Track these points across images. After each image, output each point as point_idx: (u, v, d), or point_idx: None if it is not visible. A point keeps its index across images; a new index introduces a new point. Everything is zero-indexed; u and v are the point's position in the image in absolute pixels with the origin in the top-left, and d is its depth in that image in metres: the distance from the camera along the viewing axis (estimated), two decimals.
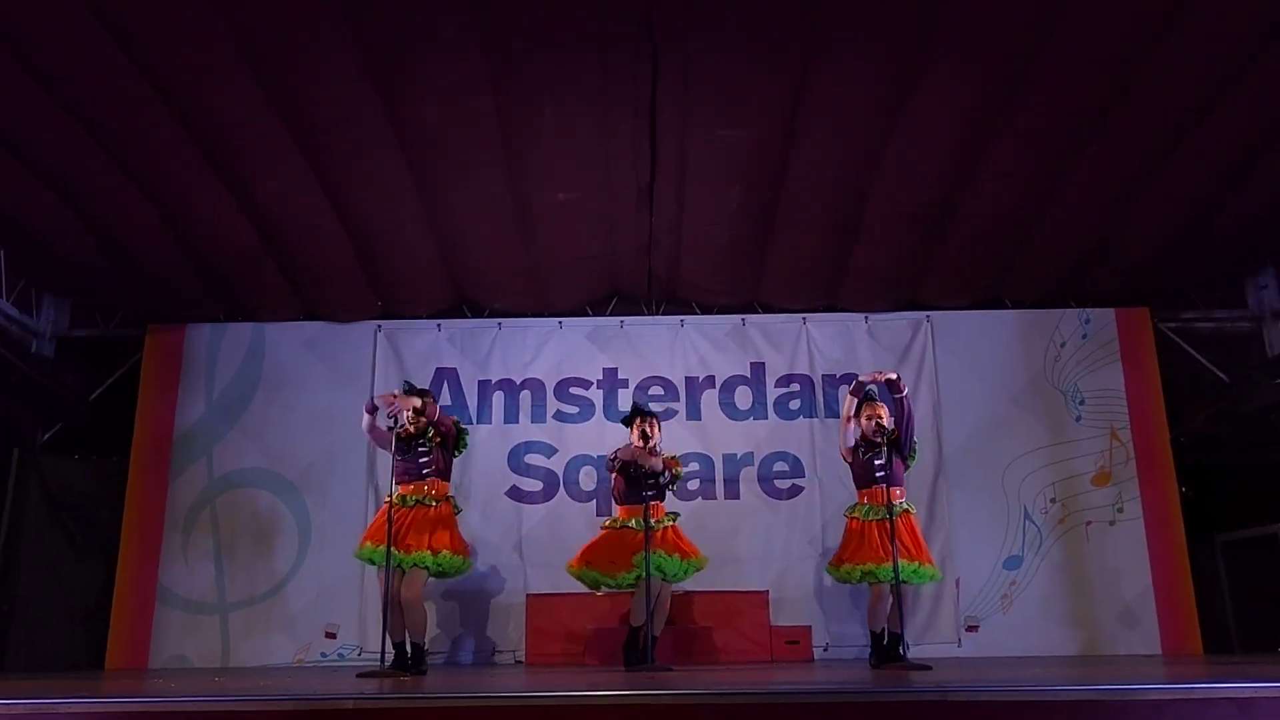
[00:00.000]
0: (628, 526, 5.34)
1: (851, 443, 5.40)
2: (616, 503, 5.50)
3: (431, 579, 5.10)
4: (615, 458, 5.34)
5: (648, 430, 5.34)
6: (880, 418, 5.29)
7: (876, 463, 5.27)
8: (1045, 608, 6.41)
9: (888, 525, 5.10)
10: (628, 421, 5.53)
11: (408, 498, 5.09)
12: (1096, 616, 6.37)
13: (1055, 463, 6.64)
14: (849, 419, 5.39)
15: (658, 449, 5.35)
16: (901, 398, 5.27)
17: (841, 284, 6.66)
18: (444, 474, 5.19)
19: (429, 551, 4.97)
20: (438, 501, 5.12)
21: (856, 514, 5.34)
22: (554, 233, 6.12)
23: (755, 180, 5.68)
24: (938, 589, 6.39)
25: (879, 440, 5.22)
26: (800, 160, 5.48)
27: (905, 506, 5.30)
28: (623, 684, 3.74)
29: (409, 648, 5.01)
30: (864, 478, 5.37)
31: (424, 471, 5.13)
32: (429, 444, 5.14)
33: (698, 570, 5.45)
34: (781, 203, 5.85)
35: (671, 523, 5.46)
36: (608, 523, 5.52)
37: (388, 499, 5.12)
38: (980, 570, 6.49)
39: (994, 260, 6.45)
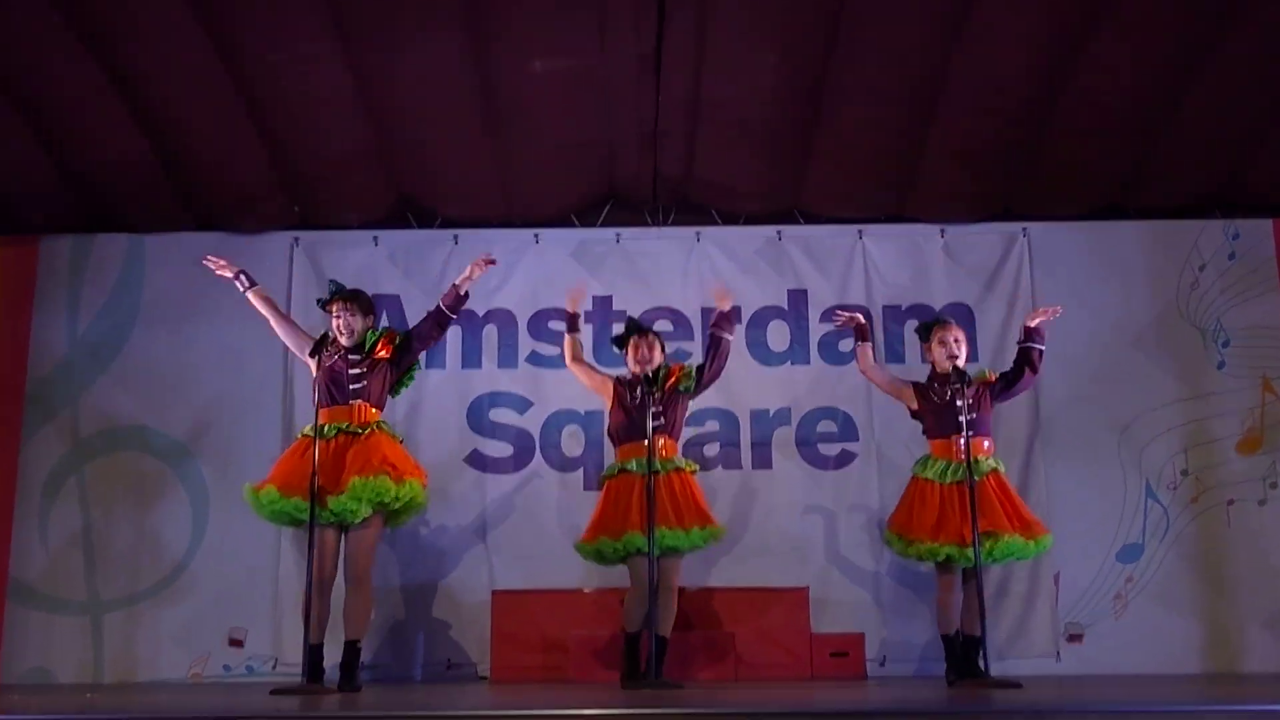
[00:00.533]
0: (627, 470, 5.41)
1: (904, 387, 5.47)
2: (614, 442, 5.58)
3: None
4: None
5: (646, 352, 5.50)
6: (960, 342, 5.42)
7: (958, 403, 5.27)
8: (1171, 611, 6.46)
9: (981, 489, 5.17)
10: (620, 342, 5.66)
11: (326, 428, 5.10)
12: (1238, 623, 6.43)
13: (1188, 423, 6.66)
14: (866, 369, 5.54)
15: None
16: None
17: (911, 185, 6.62)
18: (378, 402, 5.28)
19: (369, 477, 4.99)
20: (364, 429, 5.17)
21: (929, 473, 5.37)
22: (528, 114, 6.05)
23: (798, 41, 5.62)
24: (1029, 585, 6.46)
25: (953, 376, 5.30)
26: (858, 14, 5.41)
27: (993, 464, 5.37)
28: (617, 705, 3.77)
29: (343, 651, 5.05)
30: (934, 427, 5.41)
31: (352, 389, 5.18)
32: (366, 358, 5.24)
33: (714, 541, 5.48)
34: (832, 73, 5.79)
35: (690, 470, 5.50)
36: (605, 473, 5.61)
37: (301, 433, 5.20)
38: (1087, 563, 6.52)
39: (1114, 154, 6.40)
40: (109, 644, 6.42)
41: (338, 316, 5.37)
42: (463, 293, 5.45)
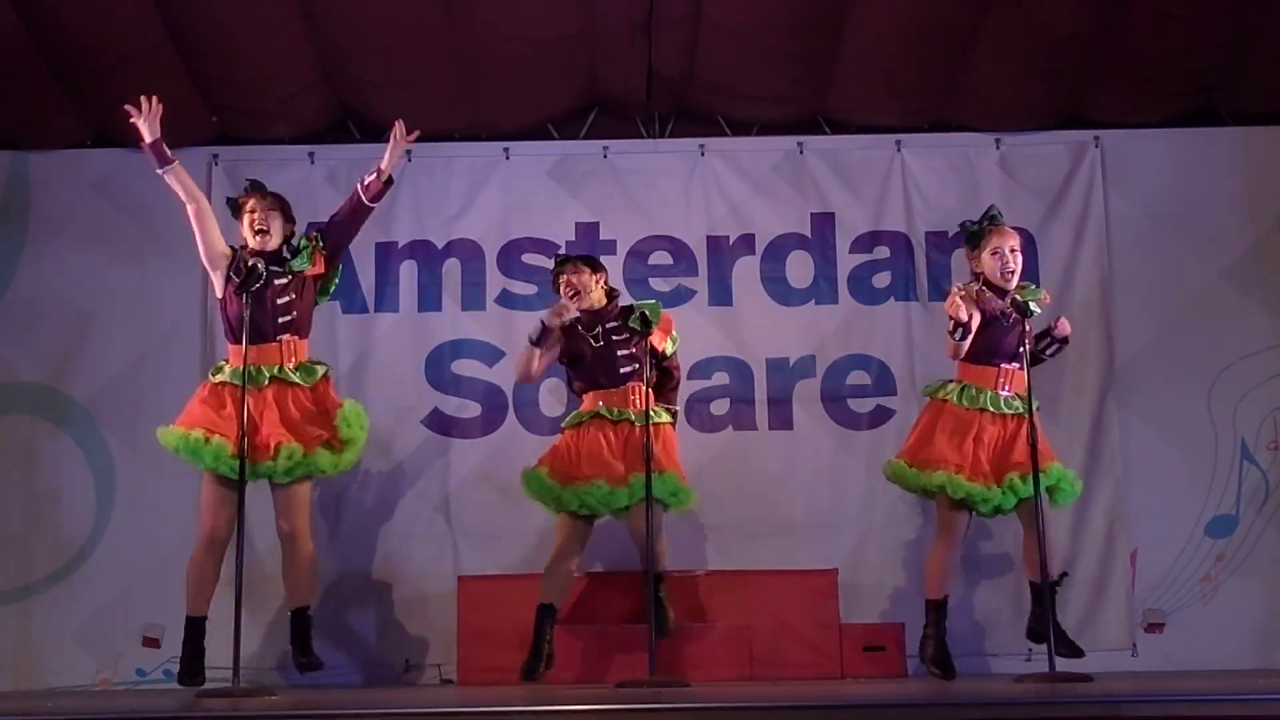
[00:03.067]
0: (600, 415, 5.69)
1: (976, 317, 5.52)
2: (576, 393, 5.89)
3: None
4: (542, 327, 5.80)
5: (574, 280, 5.80)
6: (1017, 252, 5.54)
7: (1011, 332, 5.42)
8: (1272, 595, 6.49)
9: (1013, 426, 5.37)
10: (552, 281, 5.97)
11: (256, 371, 5.09)
12: None
13: None
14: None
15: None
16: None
17: (959, 84, 6.58)
18: (305, 328, 5.35)
19: (301, 445, 5.09)
20: (306, 376, 5.21)
21: (963, 399, 5.49)
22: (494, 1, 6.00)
23: None
24: (1100, 567, 6.49)
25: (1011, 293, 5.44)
26: None
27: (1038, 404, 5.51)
28: (605, 702, 3.82)
29: (291, 621, 5.23)
30: (984, 350, 5.48)
31: (281, 322, 5.18)
32: (293, 277, 5.27)
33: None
34: None
35: (670, 420, 5.78)
36: (566, 422, 5.86)
37: (211, 376, 5.26)
38: (1169, 539, 6.55)
39: (1205, 46, 6.35)
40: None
41: (252, 212, 5.32)
42: (384, 179, 5.46)
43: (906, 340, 6.68)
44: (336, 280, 5.63)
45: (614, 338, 5.79)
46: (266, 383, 5.16)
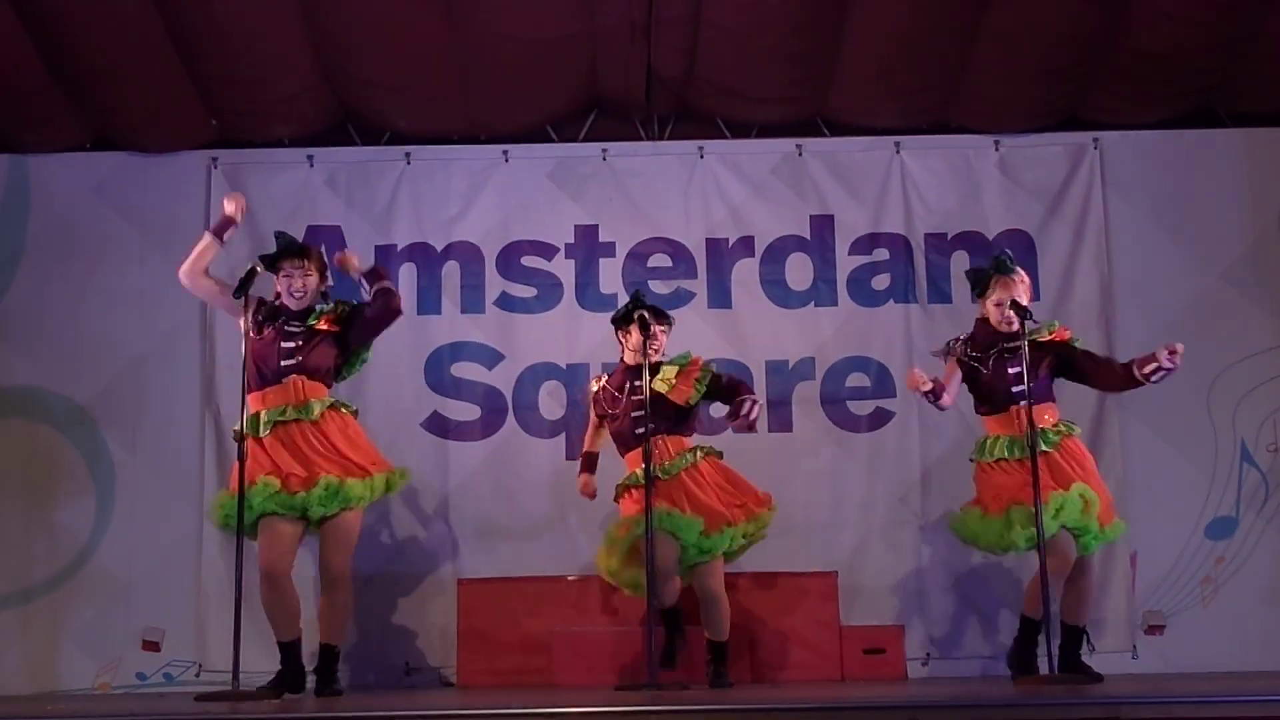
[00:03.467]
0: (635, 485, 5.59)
1: (957, 384, 5.55)
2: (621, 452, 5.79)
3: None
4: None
5: (649, 344, 5.51)
6: (1016, 299, 5.40)
7: (1011, 370, 5.37)
8: (1272, 598, 6.48)
9: (1055, 457, 5.30)
10: (621, 321, 5.74)
11: (262, 418, 5.10)
12: None
13: None
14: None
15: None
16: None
17: (959, 85, 6.59)
18: (321, 375, 5.30)
19: (340, 474, 5.11)
20: (312, 412, 5.18)
21: (993, 454, 5.42)
22: (493, 1, 6.01)
23: None
24: (1100, 569, 6.37)
25: (1012, 334, 5.33)
26: None
27: (1064, 429, 5.44)
28: (609, 704, 3.80)
29: (319, 656, 5.18)
30: (986, 399, 5.47)
31: (283, 364, 5.18)
32: (303, 328, 5.24)
33: (758, 535, 5.74)
34: None
35: (701, 458, 5.68)
36: (623, 481, 5.76)
37: (235, 430, 5.17)
38: (1170, 541, 6.55)
39: (1205, 46, 6.34)
40: None
41: (288, 276, 5.30)
42: (375, 290, 5.40)
43: (906, 342, 6.68)
44: (357, 368, 5.59)
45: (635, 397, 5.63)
46: (268, 430, 5.15)
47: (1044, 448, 5.29)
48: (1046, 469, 5.24)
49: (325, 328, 5.32)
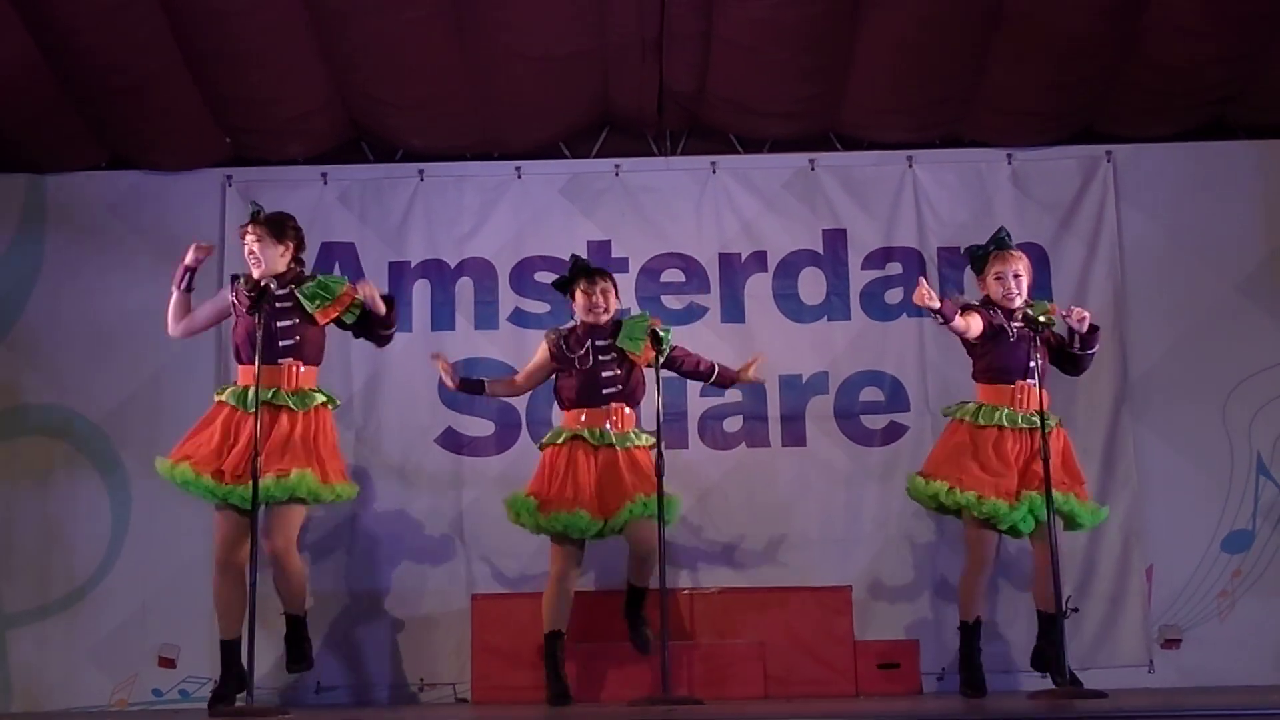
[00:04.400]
0: (580, 438, 5.62)
1: (979, 328, 5.53)
2: (562, 408, 5.82)
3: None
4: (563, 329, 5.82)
5: (598, 299, 5.69)
6: (1020, 277, 5.54)
7: (1020, 347, 5.44)
8: None
9: (1032, 442, 5.32)
10: (563, 286, 5.89)
11: (250, 394, 5.10)
12: None
13: None
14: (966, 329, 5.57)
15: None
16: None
17: (971, 99, 6.59)
18: (314, 359, 5.35)
19: (295, 471, 5.12)
20: (304, 403, 5.22)
21: (981, 418, 5.47)
22: (506, 19, 6.02)
23: None
24: (1116, 582, 6.47)
25: (1016, 314, 5.41)
26: None
27: (1056, 421, 5.52)
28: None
29: (286, 626, 5.27)
30: (998, 368, 5.49)
31: (282, 345, 5.22)
32: (294, 303, 5.29)
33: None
34: None
35: (647, 444, 5.72)
36: (545, 439, 5.81)
37: (216, 394, 5.32)
38: (1185, 554, 6.53)
39: (1219, 58, 6.33)
40: (15, 666, 6.44)
41: (242, 239, 5.42)
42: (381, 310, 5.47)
43: (920, 356, 6.67)
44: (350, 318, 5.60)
45: (601, 357, 5.73)
46: (262, 404, 5.15)
47: (1025, 425, 5.45)
48: (1034, 452, 5.35)
49: (323, 321, 5.37)
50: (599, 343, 5.71)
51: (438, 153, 6.92)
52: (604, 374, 5.68)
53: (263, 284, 5.18)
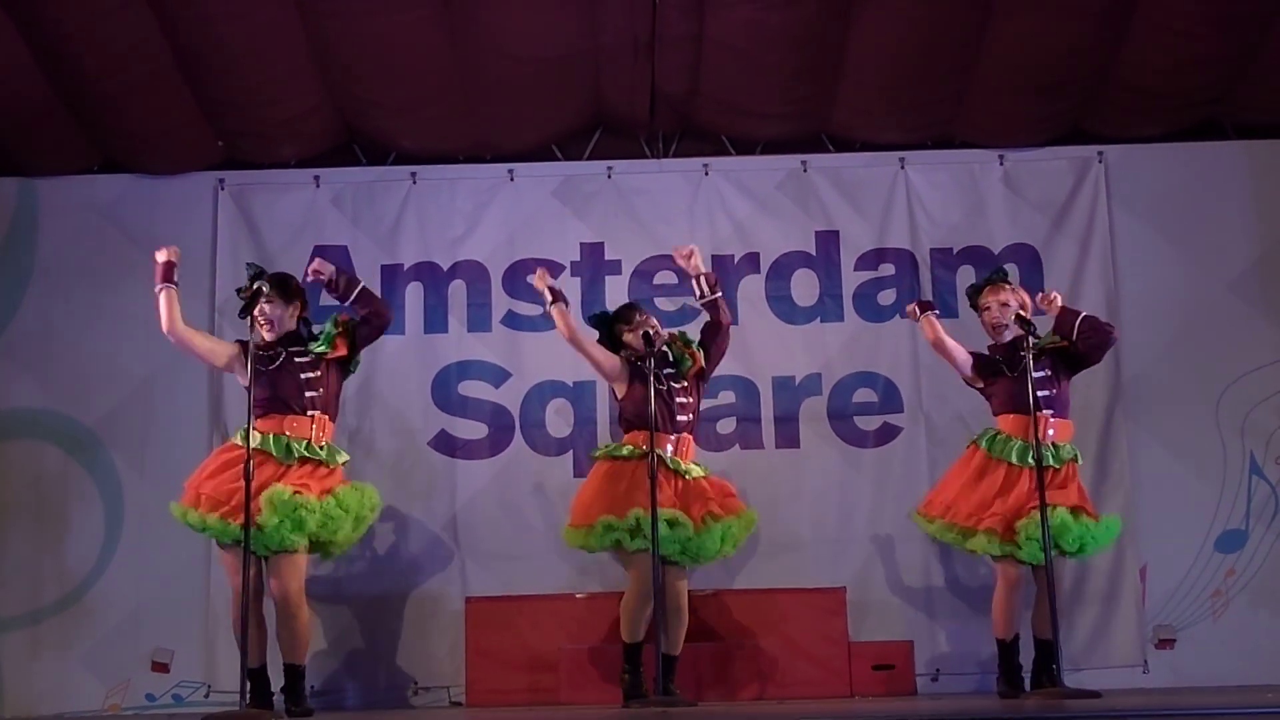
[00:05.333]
0: (643, 459, 5.40)
1: (967, 362, 5.57)
2: (624, 429, 5.67)
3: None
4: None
5: (650, 332, 5.50)
6: (1009, 306, 5.52)
7: (1035, 375, 5.39)
8: None
9: (1048, 477, 5.28)
10: (607, 322, 5.80)
11: (282, 442, 5.11)
12: None
13: None
14: (938, 342, 5.65)
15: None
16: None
17: (962, 100, 6.59)
18: (333, 410, 5.37)
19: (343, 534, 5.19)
20: (332, 458, 5.27)
21: (997, 450, 5.45)
22: (496, 18, 6.02)
23: None
24: (1110, 582, 6.47)
25: (1022, 335, 5.36)
26: None
27: (1073, 453, 5.53)
28: None
29: (283, 674, 5.13)
30: (1010, 403, 5.49)
31: (309, 397, 5.22)
32: (317, 358, 5.28)
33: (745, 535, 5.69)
34: None
35: (705, 475, 5.65)
36: (602, 451, 5.68)
37: (235, 440, 5.23)
38: (1179, 554, 6.53)
39: (1210, 59, 6.33)
40: (8, 671, 6.43)
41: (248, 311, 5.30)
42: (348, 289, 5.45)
43: (913, 357, 6.66)
44: (357, 362, 5.59)
45: (672, 384, 5.66)
46: (297, 460, 5.18)
47: (1052, 464, 5.39)
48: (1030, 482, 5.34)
49: (338, 354, 5.36)
50: (665, 370, 5.64)
51: (430, 155, 6.91)
52: (678, 400, 5.65)
53: (255, 286, 5.18)
